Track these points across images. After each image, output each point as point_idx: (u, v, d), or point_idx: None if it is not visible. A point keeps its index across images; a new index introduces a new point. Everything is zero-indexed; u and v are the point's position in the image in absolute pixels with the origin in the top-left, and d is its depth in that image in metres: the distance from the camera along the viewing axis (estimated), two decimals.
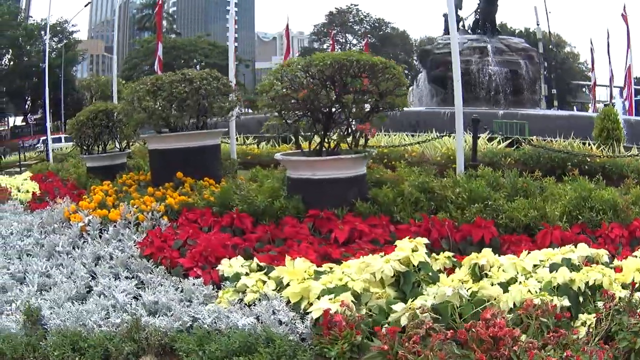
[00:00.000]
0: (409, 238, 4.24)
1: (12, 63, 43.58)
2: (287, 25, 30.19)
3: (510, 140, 12.47)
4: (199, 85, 7.67)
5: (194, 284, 4.37)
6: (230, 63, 11.27)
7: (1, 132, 44.48)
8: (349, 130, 6.39)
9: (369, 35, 58.74)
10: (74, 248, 5.95)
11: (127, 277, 4.85)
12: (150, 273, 4.85)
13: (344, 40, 58.90)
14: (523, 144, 11.29)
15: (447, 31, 26.52)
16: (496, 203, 5.65)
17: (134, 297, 4.38)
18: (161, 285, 4.56)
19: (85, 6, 42.12)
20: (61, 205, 7.80)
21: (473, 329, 3.00)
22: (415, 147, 11.22)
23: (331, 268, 4.34)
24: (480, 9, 24.61)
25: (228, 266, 4.62)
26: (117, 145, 11.03)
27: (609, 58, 28.89)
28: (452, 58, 8.10)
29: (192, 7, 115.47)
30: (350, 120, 6.31)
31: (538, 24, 42.33)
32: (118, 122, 10.11)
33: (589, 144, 11.17)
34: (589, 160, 9.33)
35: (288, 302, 3.90)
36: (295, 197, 5.95)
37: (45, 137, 26.97)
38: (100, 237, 6.20)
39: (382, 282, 3.87)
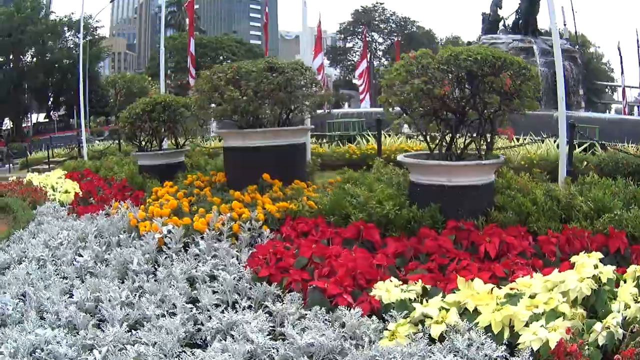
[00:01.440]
0: (586, 253, 4.03)
1: (35, 59, 42.93)
2: (320, 23, 29.39)
3: (585, 145, 12.02)
4: (292, 75, 6.70)
5: (354, 318, 3.40)
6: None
7: (23, 129, 43.80)
8: (480, 132, 5.56)
9: (394, 34, 57.66)
10: (154, 266, 4.93)
11: (246, 307, 3.85)
12: (280, 301, 3.88)
13: (370, 39, 57.55)
14: (598, 148, 11.07)
15: (486, 31, 25.53)
16: (622, 212, 5.23)
17: (269, 336, 3.38)
18: (303, 318, 3.62)
19: (111, 2, 41.68)
20: (121, 210, 6.84)
21: None
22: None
23: (519, 290, 3.69)
24: (521, 9, 23.71)
25: (385, 291, 3.69)
26: (174, 142, 10.03)
27: (639, 59, 27.82)
28: (555, 59, 7.72)
29: (216, 5, 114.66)
30: (485, 121, 5.51)
31: (565, 24, 41.17)
32: (179, 116, 9.19)
33: None
34: None
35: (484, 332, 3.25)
36: (432, 206, 5.02)
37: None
38: (186, 251, 5.17)
39: (573, 302, 3.59)
